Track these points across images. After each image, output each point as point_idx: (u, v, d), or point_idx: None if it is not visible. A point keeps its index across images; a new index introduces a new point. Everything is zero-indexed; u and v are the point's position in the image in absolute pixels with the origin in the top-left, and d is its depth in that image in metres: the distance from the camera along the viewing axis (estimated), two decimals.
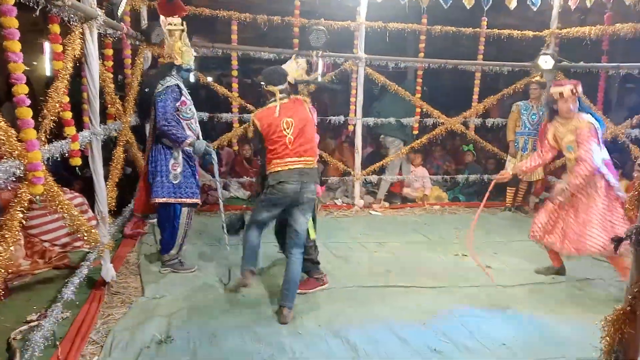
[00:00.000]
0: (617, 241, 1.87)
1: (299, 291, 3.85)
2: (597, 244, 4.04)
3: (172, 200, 4.25)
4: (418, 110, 7.02)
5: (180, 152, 4.24)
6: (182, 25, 4.30)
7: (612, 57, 6.67)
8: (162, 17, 4.36)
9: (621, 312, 1.86)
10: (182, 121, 4.20)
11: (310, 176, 3.75)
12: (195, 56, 4.60)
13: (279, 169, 3.66)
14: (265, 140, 3.69)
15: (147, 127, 4.62)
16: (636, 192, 1.75)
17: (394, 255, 5.09)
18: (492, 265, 4.84)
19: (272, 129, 3.65)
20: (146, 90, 4.36)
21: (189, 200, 4.32)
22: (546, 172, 7.00)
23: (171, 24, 4.27)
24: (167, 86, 4.16)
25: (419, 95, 6.96)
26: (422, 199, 7.24)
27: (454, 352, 3.29)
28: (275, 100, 3.72)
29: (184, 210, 4.33)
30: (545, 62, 6.62)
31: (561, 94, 4.16)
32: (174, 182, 4.23)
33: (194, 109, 4.36)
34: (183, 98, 4.24)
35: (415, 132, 7.16)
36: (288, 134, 3.64)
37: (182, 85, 4.27)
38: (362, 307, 3.88)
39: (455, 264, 4.93)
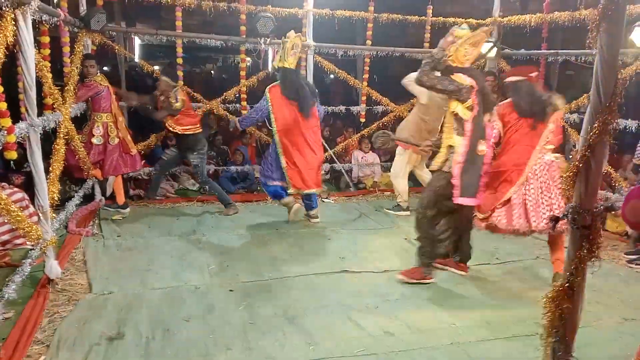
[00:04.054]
0: (555, 220, 1.96)
1: (402, 277, 4.13)
2: None
3: None
4: (364, 98, 7.09)
5: None
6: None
7: (552, 45, 6.93)
8: None
9: (560, 288, 1.95)
10: None
11: None
12: (140, 44, 4.47)
13: None
14: None
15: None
16: (571, 173, 1.83)
17: (346, 241, 5.15)
18: None
19: None
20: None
21: None
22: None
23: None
24: None
25: (365, 83, 7.04)
26: (373, 186, 7.33)
27: (405, 333, 3.37)
28: None
29: None
30: (488, 49, 6.80)
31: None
32: None
33: None
34: None
35: (362, 119, 7.25)
36: None
37: None
38: (317, 294, 3.91)
39: (405, 248, 5.03)
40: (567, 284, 1.90)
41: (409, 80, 5.89)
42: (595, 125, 1.73)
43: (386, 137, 4.72)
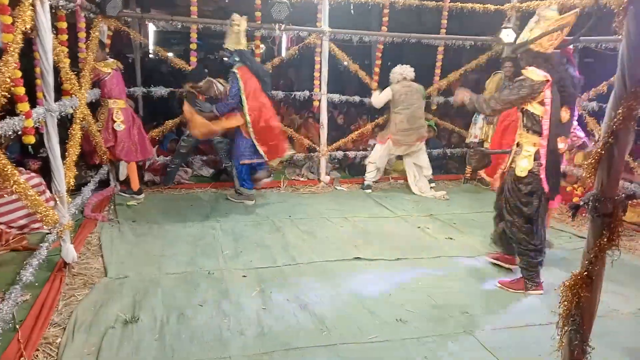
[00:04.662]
0: (575, 208, 1.93)
1: (501, 286, 3.94)
2: None
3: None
4: (375, 85, 7.03)
5: None
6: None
7: (571, 31, 6.77)
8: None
9: (578, 277, 1.92)
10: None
11: None
12: (155, 30, 4.49)
13: None
14: None
15: None
16: (592, 161, 1.79)
17: (359, 228, 5.14)
18: (453, 237, 4.96)
19: None
20: None
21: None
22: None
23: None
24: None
25: (377, 69, 6.98)
26: (386, 173, 7.30)
27: (418, 321, 3.37)
28: None
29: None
30: (507, 35, 6.70)
31: None
32: None
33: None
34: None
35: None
36: None
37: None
38: (329, 281, 3.91)
39: (418, 236, 5.02)
40: (585, 273, 1.87)
41: (374, 99, 6.45)
42: (619, 111, 1.68)
43: (480, 155, 4.44)
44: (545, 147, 3.59)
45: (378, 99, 6.40)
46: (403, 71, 6.31)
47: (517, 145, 3.80)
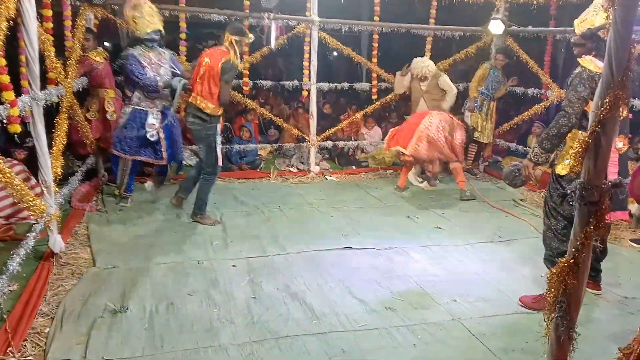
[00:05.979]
0: (562, 197, 1.95)
1: (523, 304, 3.47)
2: None
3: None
4: (375, 75, 7.04)
5: (130, 107, 4.78)
6: None
7: (559, 22, 6.82)
8: None
9: (565, 264, 1.94)
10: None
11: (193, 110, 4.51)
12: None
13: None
14: None
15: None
16: (580, 149, 1.81)
17: (349, 218, 5.15)
18: (441, 226, 5.00)
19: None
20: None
21: (115, 152, 4.84)
22: (495, 136, 7.22)
23: None
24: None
25: (375, 59, 6.97)
26: (380, 163, 7.32)
27: (407, 309, 3.40)
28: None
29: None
30: (496, 26, 6.72)
31: None
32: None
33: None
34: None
35: (374, 96, 7.21)
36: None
37: (138, 55, 4.68)
38: (319, 270, 3.93)
39: (407, 225, 5.05)
40: (572, 260, 1.89)
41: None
42: (606, 100, 1.70)
43: (524, 174, 3.55)
44: None
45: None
46: None
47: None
